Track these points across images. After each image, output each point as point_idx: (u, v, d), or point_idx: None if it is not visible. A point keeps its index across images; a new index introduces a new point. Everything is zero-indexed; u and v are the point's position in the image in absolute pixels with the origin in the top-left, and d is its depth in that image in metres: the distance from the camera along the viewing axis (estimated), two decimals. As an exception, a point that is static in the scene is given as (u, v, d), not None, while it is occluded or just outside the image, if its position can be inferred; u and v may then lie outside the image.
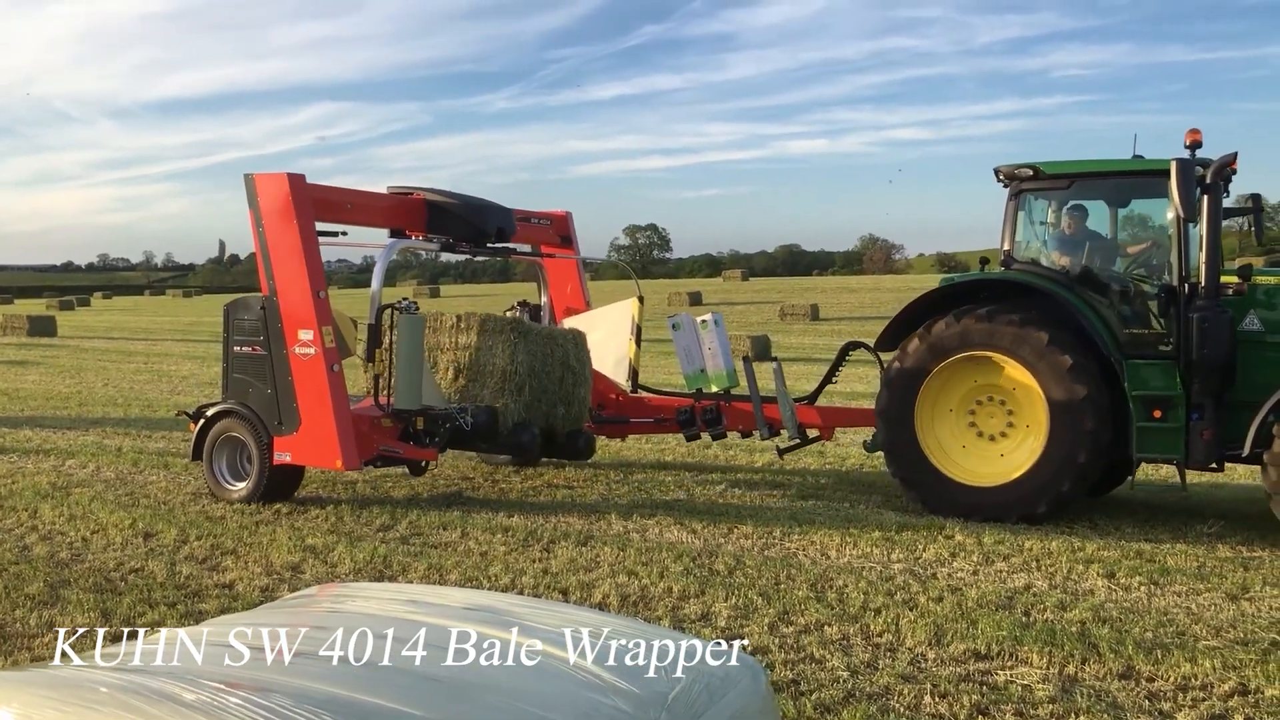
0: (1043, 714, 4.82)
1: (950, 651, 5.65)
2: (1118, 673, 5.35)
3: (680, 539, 8.12)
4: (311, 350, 8.70)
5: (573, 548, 7.78)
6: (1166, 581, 7.04)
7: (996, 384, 8.85)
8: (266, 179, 8.94)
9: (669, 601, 6.51)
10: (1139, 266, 9.27)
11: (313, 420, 8.70)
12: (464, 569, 7.15)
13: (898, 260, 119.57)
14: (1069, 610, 6.37)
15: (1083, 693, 5.08)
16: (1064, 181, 9.00)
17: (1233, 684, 5.19)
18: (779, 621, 6.14)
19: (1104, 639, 5.80)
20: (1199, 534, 8.40)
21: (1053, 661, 5.48)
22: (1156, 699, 5.04)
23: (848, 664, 5.44)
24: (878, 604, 6.44)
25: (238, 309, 9.24)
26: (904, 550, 7.82)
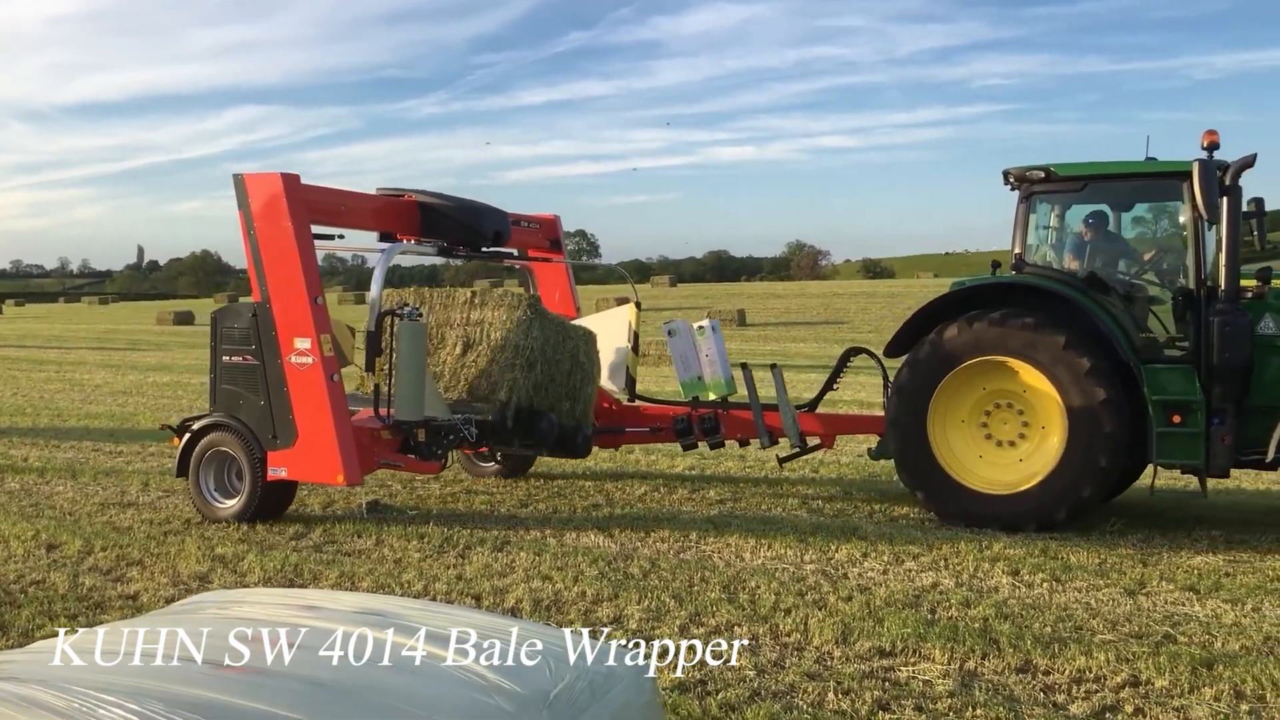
0: (941, 708, 4.93)
1: (856, 649, 5.75)
2: (1016, 667, 5.49)
3: (597, 543, 8.14)
4: (309, 359, 8.26)
5: (488, 553, 7.76)
6: (1068, 578, 7.23)
7: (1010, 389, 8.68)
8: (258, 179, 8.49)
9: (582, 605, 6.53)
10: (1151, 270, 9.22)
11: (311, 433, 8.27)
12: (376, 576, 7.10)
13: (824, 266, 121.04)
14: (973, 607, 6.51)
15: (981, 687, 5.21)
16: (1077, 184, 8.88)
17: (1125, 676, 5.35)
18: (690, 623, 6.19)
19: (1004, 634, 5.94)
20: (1102, 532, 8.63)
21: (954, 657, 5.60)
22: (1052, 691, 5.18)
23: (755, 663, 5.51)
24: (788, 604, 6.53)
25: (227, 317, 8.79)
26: (817, 551, 7.93)
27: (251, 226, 8.43)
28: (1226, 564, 7.63)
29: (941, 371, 8.70)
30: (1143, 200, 9.32)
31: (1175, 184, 8.47)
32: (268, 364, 8.44)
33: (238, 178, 8.50)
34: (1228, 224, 8.16)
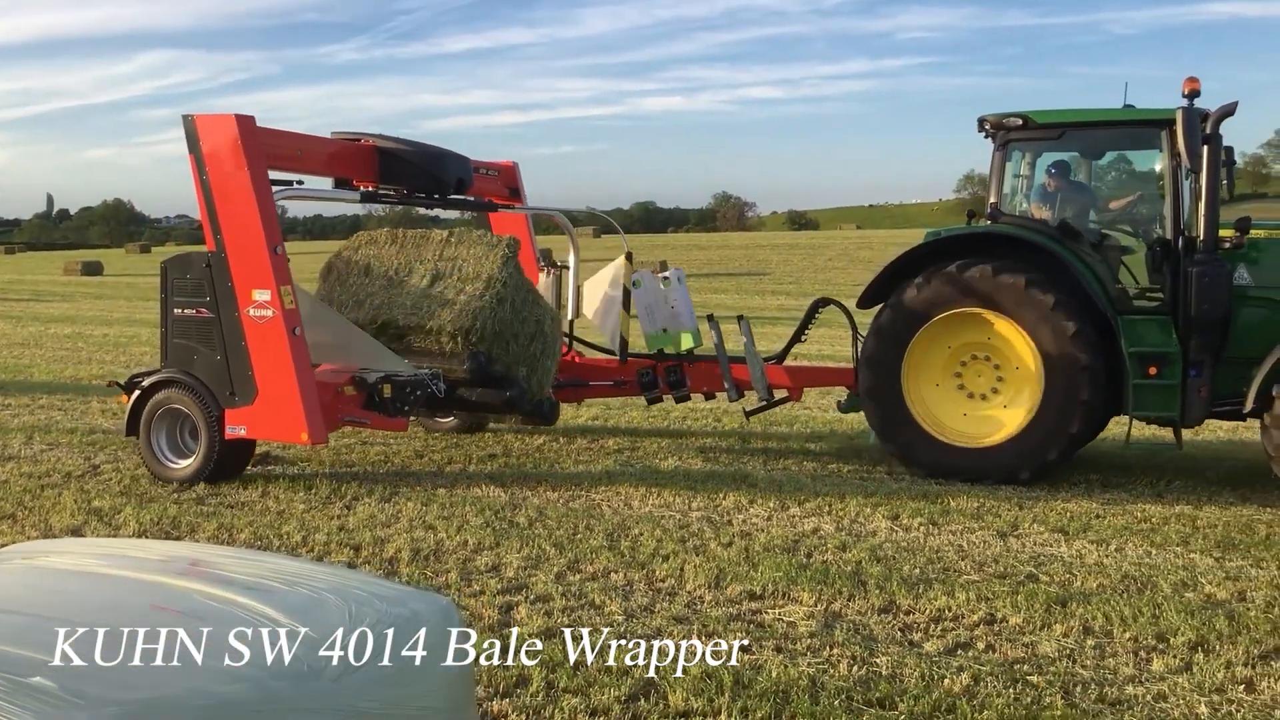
0: (800, 648, 5.04)
1: (727, 594, 5.84)
2: (879, 607, 5.62)
3: (487, 494, 8.14)
4: (269, 312, 7.85)
5: (374, 504, 7.73)
6: (945, 521, 7.40)
7: (985, 341, 8.61)
8: (210, 120, 7.98)
9: (462, 554, 6.54)
10: (1124, 219, 9.13)
11: (272, 390, 7.91)
12: (256, 528, 7.04)
13: (750, 218, 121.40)
14: (848, 551, 6.65)
15: (843, 627, 5.33)
16: (1055, 131, 8.74)
17: (982, 614, 5.51)
18: (567, 570, 6.23)
19: (873, 576, 6.08)
20: (984, 477, 8.84)
21: (821, 599, 5.72)
22: (909, 630, 5.32)
23: (625, 608, 5.57)
24: (668, 550, 6.60)
25: (177, 267, 8.30)
26: (705, 499, 8.01)
27: (204, 171, 7.98)
28: (1099, 507, 7.86)
29: (913, 326, 8.60)
30: (1120, 148, 9.21)
31: (1154, 132, 8.38)
32: (223, 317, 8.04)
33: (187, 119, 8.03)
34: (1208, 173, 7.98)
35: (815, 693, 4.49)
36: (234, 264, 7.95)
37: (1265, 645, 5.08)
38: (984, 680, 4.65)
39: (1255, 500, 8.10)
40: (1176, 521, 7.42)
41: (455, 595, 5.76)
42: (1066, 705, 4.38)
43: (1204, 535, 7.06)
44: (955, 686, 4.57)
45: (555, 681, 4.58)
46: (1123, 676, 4.74)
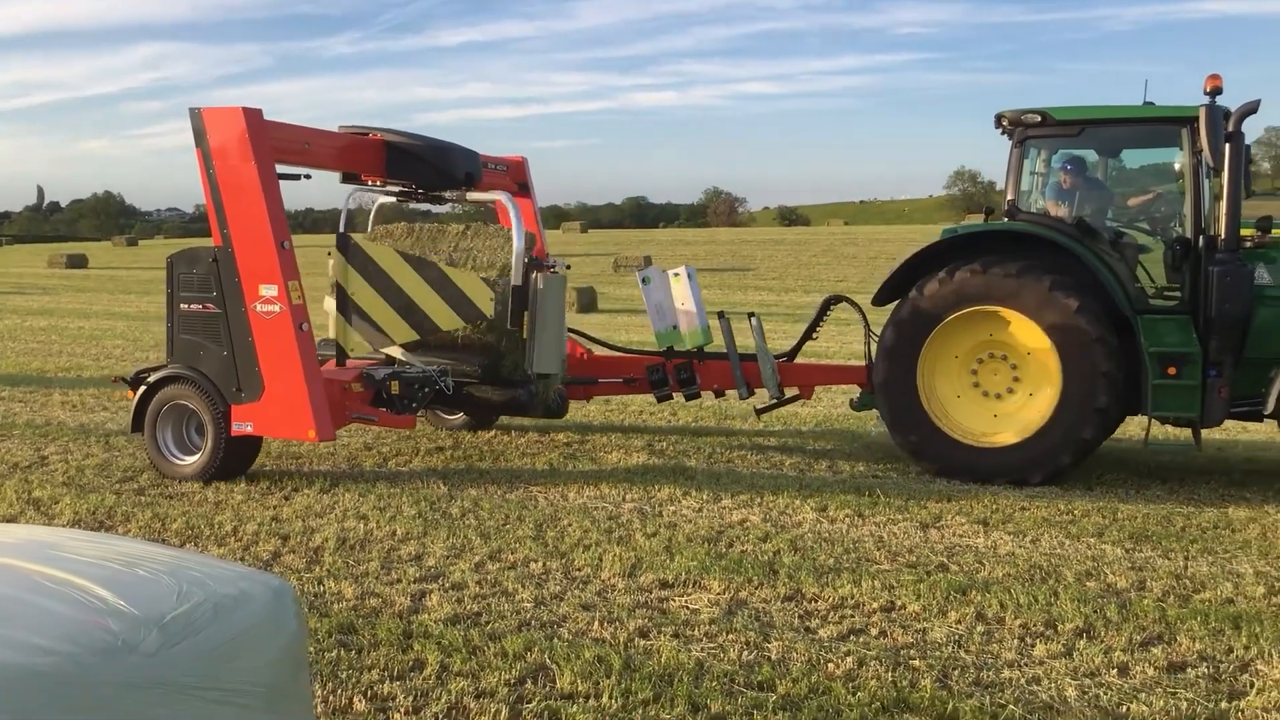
0: (698, 634, 5.18)
1: (640, 582, 5.98)
2: (784, 595, 5.77)
3: (425, 485, 8.27)
4: (276, 308, 7.80)
5: (313, 494, 7.86)
6: (872, 513, 7.55)
7: (1003, 340, 8.53)
8: (218, 114, 7.93)
9: (388, 544, 6.67)
10: (1142, 218, 9.06)
11: (279, 386, 7.87)
12: (189, 518, 7.16)
13: (741, 213, 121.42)
14: (768, 541, 6.79)
15: (744, 614, 5.47)
16: (1074, 128, 8.65)
17: (883, 601, 5.66)
18: (488, 559, 6.37)
19: (786, 566, 6.23)
20: (919, 471, 8.98)
21: (729, 588, 5.86)
22: (809, 617, 5.46)
23: (535, 596, 5.71)
24: (591, 540, 6.74)
25: (184, 262, 8.26)
26: (640, 491, 8.15)
27: (210, 165, 7.91)
28: (1026, 500, 8.01)
29: (928, 326, 8.54)
30: (1140, 146, 9.14)
31: (1174, 130, 8.31)
32: (230, 313, 8.00)
33: (194, 112, 7.97)
34: (1229, 171, 7.88)
35: (699, 676, 4.63)
36: (241, 259, 7.92)
37: (1149, 632, 5.23)
38: (867, 664, 4.80)
39: (1182, 494, 8.26)
40: (1098, 514, 7.57)
41: (371, 583, 5.90)
42: (939, 688, 4.53)
43: (1120, 527, 7.21)
44: (838, 670, 4.72)
45: (450, 665, 4.72)
46: (1003, 661, 4.89)
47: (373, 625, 5.19)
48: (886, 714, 4.31)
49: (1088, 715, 4.31)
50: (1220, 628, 5.27)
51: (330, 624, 5.19)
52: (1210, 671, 4.79)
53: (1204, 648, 5.05)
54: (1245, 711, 4.37)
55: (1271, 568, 6.35)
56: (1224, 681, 4.69)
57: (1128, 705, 4.40)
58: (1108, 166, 9.29)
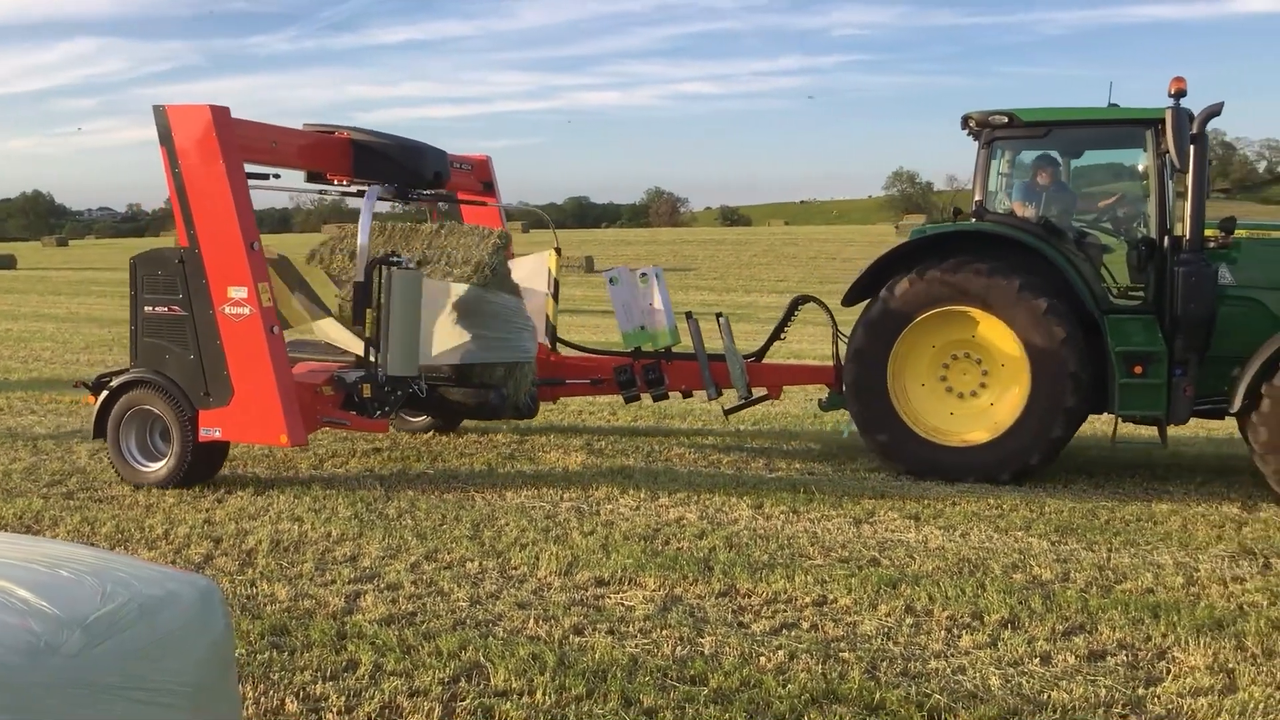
0: (632, 630, 5.23)
1: (576, 580, 6.01)
2: (719, 591, 5.84)
3: (362, 485, 8.23)
4: (245, 310, 7.62)
5: (247, 497, 7.79)
6: (807, 510, 7.65)
7: (972, 339, 8.59)
8: (184, 111, 7.70)
9: (323, 545, 6.64)
10: (1106, 218, 9.15)
11: (249, 390, 7.68)
12: (119, 522, 7.07)
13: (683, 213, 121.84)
14: (704, 538, 6.86)
15: (678, 610, 5.53)
16: (1040, 130, 8.73)
17: (815, 596, 5.75)
18: (424, 559, 6.37)
19: (721, 562, 6.30)
20: (854, 468, 9.12)
21: (664, 585, 5.92)
22: (742, 612, 5.53)
23: (471, 595, 5.73)
24: (528, 539, 6.77)
25: (148, 263, 8.05)
26: (579, 490, 8.18)
27: (176, 164, 7.70)
28: (956, 494, 8.16)
29: (898, 326, 8.59)
30: (1106, 147, 9.27)
31: (1140, 131, 8.42)
32: (197, 315, 7.80)
33: (159, 109, 7.75)
34: (1194, 172, 7.99)
35: (633, 671, 4.68)
36: (209, 260, 7.73)
37: (1072, 622, 5.37)
38: (799, 657, 4.88)
39: (1107, 489, 8.46)
40: (1025, 508, 7.74)
41: (305, 585, 5.87)
42: (868, 679, 4.62)
43: (1047, 521, 7.38)
44: (769, 664, 4.80)
45: (383, 665, 4.72)
46: (930, 652, 4.99)
47: (306, 626, 5.17)
48: (815, 705, 4.39)
49: (1010, 703, 4.42)
50: (1140, 617, 5.42)
51: (263, 626, 5.16)
52: (1129, 659, 4.93)
53: (1124, 636, 5.19)
54: (1161, 697, 4.51)
55: (1190, 559, 6.54)
56: (1142, 669, 4.83)
57: (1049, 693, 4.53)
58: (1070, 168, 9.37)
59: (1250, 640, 5.11)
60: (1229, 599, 5.77)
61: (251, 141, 8.09)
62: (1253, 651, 5.00)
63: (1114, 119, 8.67)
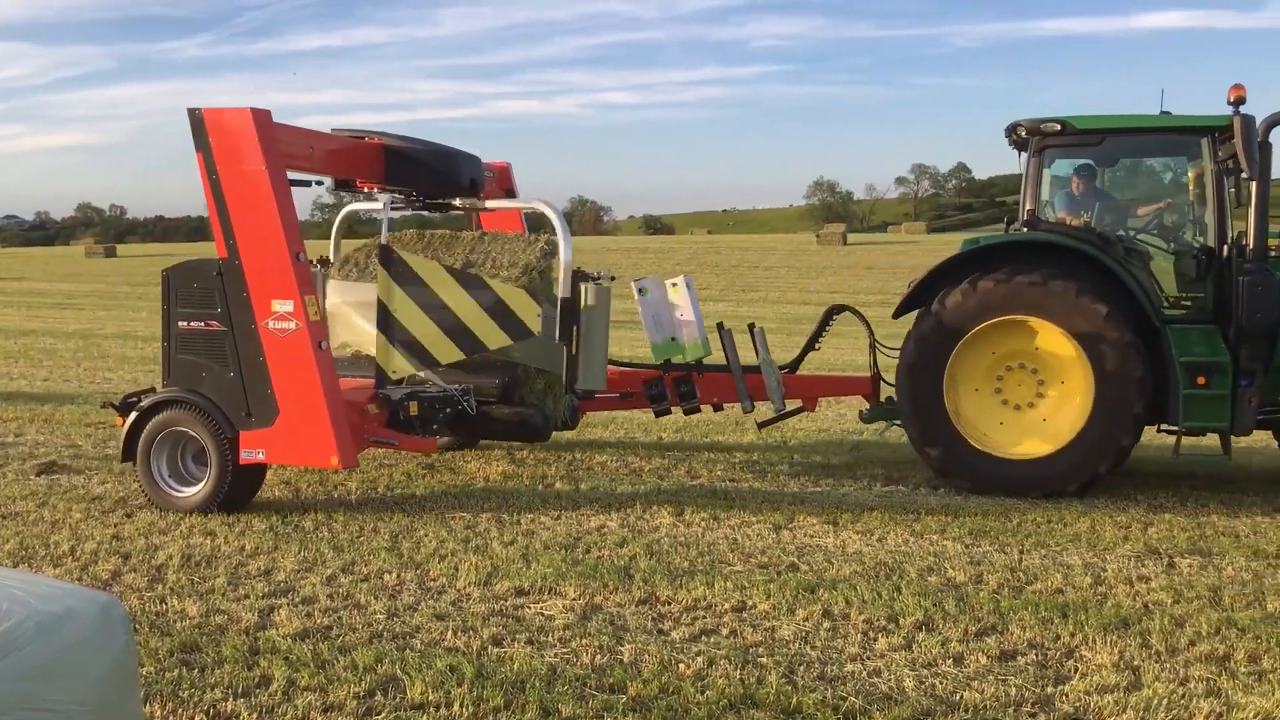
0: (552, 640, 5.21)
1: (495, 590, 5.97)
2: (639, 599, 5.84)
3: (278, 498, 8.09)
4: (291, 324, 7.20)
5: (156, 512, 7.60)
6: (727, 516, 7.69)
7: (1028, 350, 8.40)
8: (222, 115, 7.31)
9: (236, 559, 6.51)
10: (1153, 226, 8.92)
11: (296, 410, 7.26)
12: (23, 539, 6.86)
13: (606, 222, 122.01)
14: (625, 546, 6.86)
15: (599, 618, 5.52)
16: (1094, 137, 8.59)
17: (735, 602, 5.78)
18: (340, 572, 6.28)
19: (641, 570, 6.30)
20: (777, 473, 9.19)
21: (585, 593, 5.91)
22: (662, 619, 5.54)
23: (388, 608, 5.66)
24: (448, 550, 6.71)
25: (183, 275, 7.59)
26: (498, 499, 8.14)
27: (214, 170, 7.29)
28: (874, 499, 8.29)
29: (954, 339, 8.38)
30: (1160, 155, 9.10)
31: (1195, 139, 8.35)
32: (237, 330, 7.36)
33: (195, 113, 7.33)
34: (1259, 180, 7.88)
35: (552, 681, 4.66)
36: (250, 272, 7.32)
37: (984, 623, 5.48)
38: (717, 663, 4.90)
39: (1019, 490, 8.63)
40: (941, 512, 7.87)
41: (217, 600, 5.75)
42: (785, 683, 4.66)
43: (961, 524, 7.51)
44: (688, 670, 4.81)
45: (297, 680, 4.64)
46: (847, 655, 5.05)
47: (217, 643, 5.06)
48: (734, 711, 4.41)
49: (924, 704, 4.49)
50: (1049, 617, 5.54)
51: (172, 643, 5.04)
52: (1039, 659, 5.04)
53: (1034, 636, 5.31)
54: (1069, 695, 4.62)
55: (1098, 559, 6.71)
56: (1051, 668, 4.94)
57: (962, 693, 4.60)
58: (1107, 176, 9.25)
59: (1155, 638, 5.25)
60: (1135, 598, 5.92)
61: (290, 146, 7.70)
62: (1157, 649, 5.14)
63: (1171, 126, 8.54)
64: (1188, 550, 6.87)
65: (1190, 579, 6.26)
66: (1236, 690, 4.64)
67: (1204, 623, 5.43)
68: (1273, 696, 4.54)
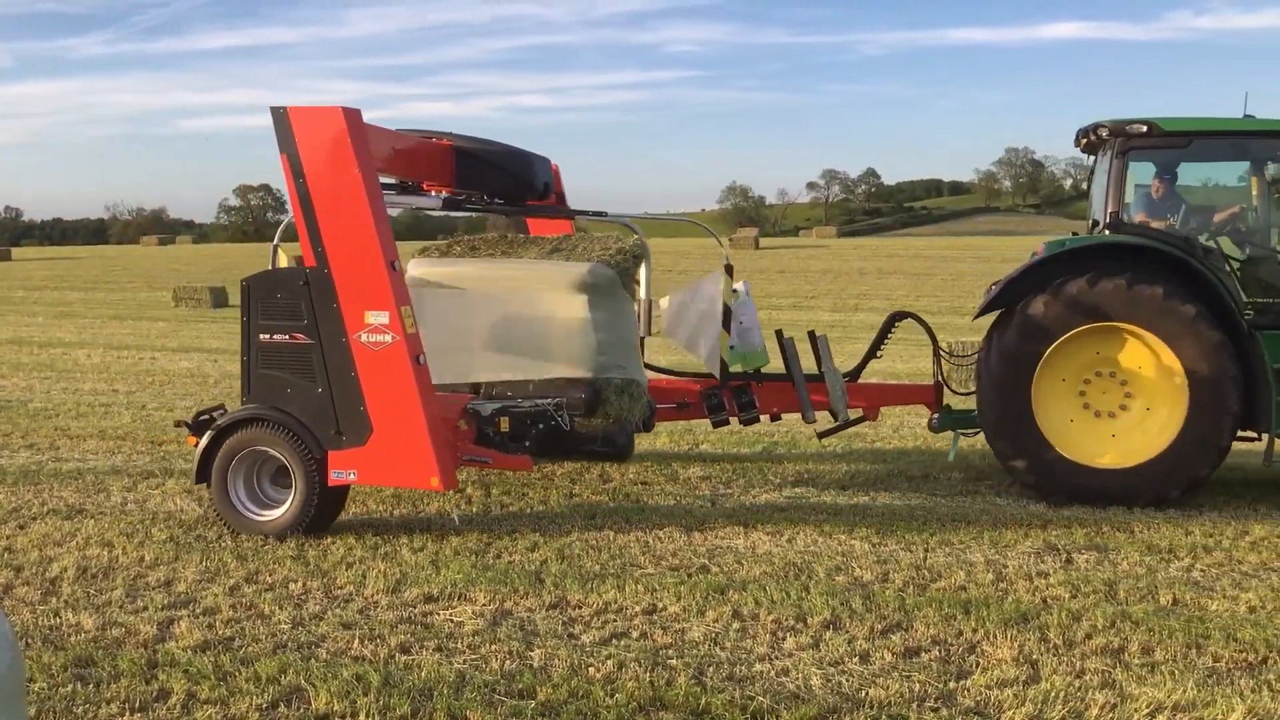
0: (461, 646, 5.16)
1: (404, 597, 5.90)
2: (550, 604, 5.82)
3: (180, 508, 7.89)
4: (387, 337, 6.81)
5: (53, 522, 7.37)
6: (639, 519, 7.70)
7: (1114, 356, 8.26)
8: (310, 114, 6.91)
9: (135, 571, 6.34)
10: (1226, 231, 8.78)
11: (391, 427, 6.87)
12: (-94, 552, 6.59)
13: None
14: (536, 551, 6.82)
15: (509, 624, 5.49)
16: (1182, 139, 8.49)
17: (645, 604, 5.79)
18: (244, 582, 6.14)
19: (553, 574, 6.28)
20: (689, 476, 9.23)
21: (495, 598, 5.86)
22: (572, 623, 5.53)
23: (294, 617, 5.55)
24: (355, 558, 6.61)
25: (265, 285, 7.17)
26: (408, 505, 8.05)
27: (300, 173, 6.88)
28: (784, 500, 8.37)
29: (1045, 343, 8.20)
30: (1249, 158, 8.87)
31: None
32: (326, 343, 6.95)
33: (279, 112, 6.92)
34: None
35: (460, 688, 4.62)
36: (340, 281, 6.91)
37: (890, 620, 5.56)
38: (627, 666, 4.90)
39: (925, 490, 8.82)
40: (850, 511, 7.98)
41: (114, 613, 5.59)
42: (694, 685, 4.68)
43: (869, 523, 7.62)
44: (598, 674, 4.80)
45: (197, 693, 4.53)
46: (755, 655, 5.09)
47: (114, 657, 4.92)
48: (643, 713, 4.42)
49: (830, 702, 4.54)
50: (952, 613, 5.65)
51: (66, 657, 4.88)
52: (942, 654, 5.14)
53: (937, 632, 5.41)
54: (970, 690, 4.71)
55: (1000, 556, 6.87)
56: (953, 663, 5.04)
57: (867, 690, 4.67)
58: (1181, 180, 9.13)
59: (1053, 632, 5.39)
60: (1034, 593, 6.07)
61: (375, 147, 7.31)
62: (1055, 643, 5.27)
63: (1260, 130, 8.55)
64: (1085, 546, 7.07)
65: (1087, 574, 6.44)
66: (1130, 681, 4.78)
67: (1100, 616, 5.59)
68: (1164, 687, 4.69)
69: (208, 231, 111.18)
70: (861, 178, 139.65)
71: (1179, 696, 4.57)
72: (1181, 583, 6.27)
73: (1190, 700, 4.54)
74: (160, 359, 18.99)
